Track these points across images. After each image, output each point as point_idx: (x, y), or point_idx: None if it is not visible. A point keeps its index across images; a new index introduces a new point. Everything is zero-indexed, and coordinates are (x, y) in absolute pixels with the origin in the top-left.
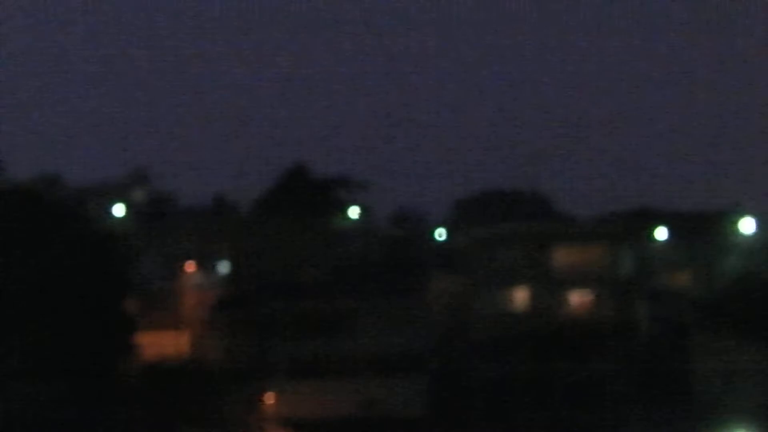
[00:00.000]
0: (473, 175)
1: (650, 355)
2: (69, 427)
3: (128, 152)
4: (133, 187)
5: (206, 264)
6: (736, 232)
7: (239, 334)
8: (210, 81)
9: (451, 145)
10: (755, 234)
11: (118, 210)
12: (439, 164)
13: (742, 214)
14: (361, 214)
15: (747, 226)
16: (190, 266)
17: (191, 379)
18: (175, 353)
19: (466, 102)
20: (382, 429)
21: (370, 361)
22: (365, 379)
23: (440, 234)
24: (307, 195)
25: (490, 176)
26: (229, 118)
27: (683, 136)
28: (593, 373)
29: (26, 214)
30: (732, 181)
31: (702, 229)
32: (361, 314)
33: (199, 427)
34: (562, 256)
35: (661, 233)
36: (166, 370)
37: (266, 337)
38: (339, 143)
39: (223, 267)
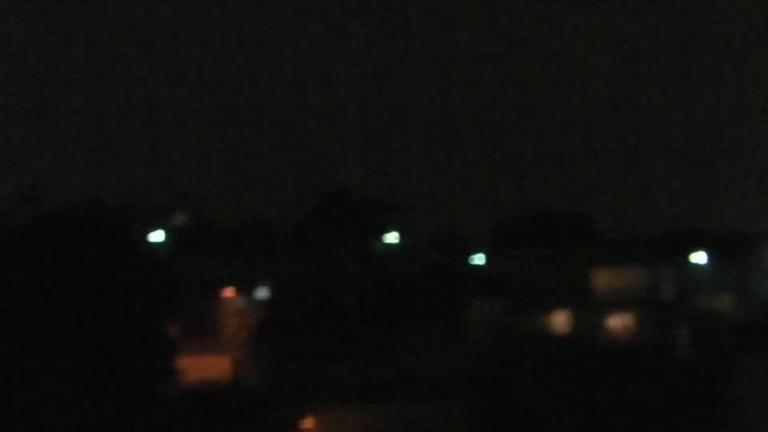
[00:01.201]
0: (514, 197)
1: (691, 377)
2: None
3: (168, 176)
4: (173, 210)
5: (246, 288)
6: None
7: (280, 358)
8: (249, 102)
9: (493, 166)
10: None
11: (158, 234)
12: (480, 186)
13: None
14: (401, 237)
15: None
16: (230, 290)
17: (232, 404)
18: (217, 377)
19: (504, 123)
20: None
21: (411, 384)
22: (405, 403)
23: (480, 257)
24: (347, 217)
25: (531, 198)
26: (269, 140)
27: (721, 157)
28: (635, 396)
29: (67, 237)
30: None
31: (742, 251)
32: (402, 338)
33: None
34: (603, 279)
35: (700, 255)
36: (207, 393)
37: (306, 361)
38: (378, 165)
39: (264, 291)
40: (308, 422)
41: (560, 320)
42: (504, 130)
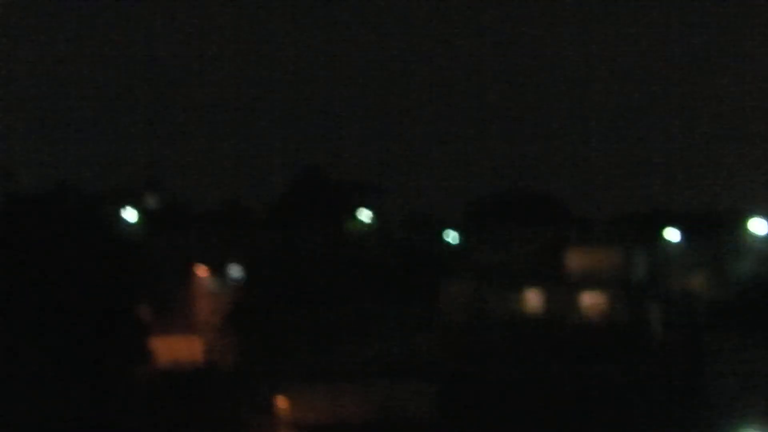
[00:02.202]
0: (486, 178)
1: (664, 357)
2: None
3: (141, 157)
4: (145, 192)
5: (219, 269)
6: (747, 233)
7: (252, 339)
8: (223, 84)
9: (464, 146)
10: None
11: (131, 215)
12: (452, 166)
13: (753, 215)
14: (375, 218)
15: (758, 226)
16: (203, 271)
17: (204, 384)
18: (189, 358)
19: (479, 103)
20: None
21: (383, 365)
22: (377, 383)
23: (453, 237)
24: (320, 199)
25: (504, 178)
26: (242, 121)
27: (695, 135)
28: (606, 376)
29: (38, 221)
30: (743, 181)
31: (714, 230)
32: (374, 318)
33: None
34: (576, 259)
35: (673, 234)
36: (179, 375)
37: (279, 342)
38: (352, 146)
39: (237, 272)
40: (281, 403)
41: (533, 300)
42: (478, 110)
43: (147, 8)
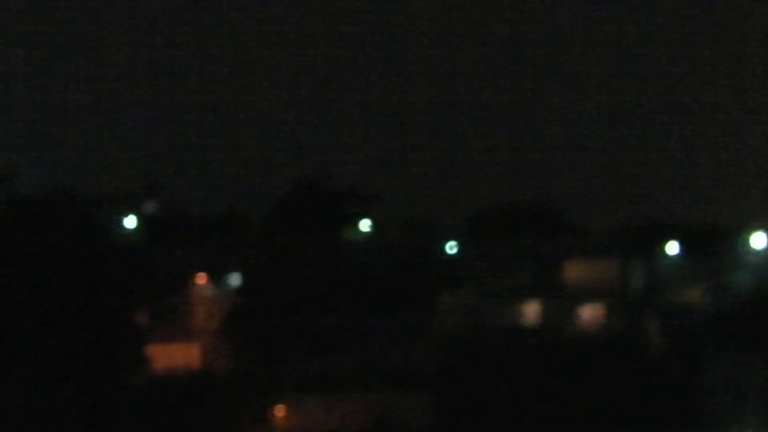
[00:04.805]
0: (486, 188)
1: (662, 370)
2: None
3: (140, 164)
4: (144, 198)
5: (218, 276)
6: (747, 247)
7: (250, 347)
8: (221, 92)
9: (463, 157)
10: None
11: (130, 221)
12: (452, 177)
13: (754, 229)
14: (373, 227)
15: (759, 240)
16: (201, 278)
17: (201, 392)
18: (186, 365)
19: (478, 114)
20: None
21: (381, 375)
22: (375, 393)
23: (451, 247)
24: (319, 207)
25: (502, 190)
26: (241, 129)
27: (695, 148)
28: (605, 388)
29: (37, 224)
30: (745, 194)
31: (714, 243)
32: (372, 328)
33: None
34: (574, 271)
35: (672, 247)
36: (177, 382)
37: (276, 351)
38: (352, 154)
39: (236, 278)
40: (278, 412)
41: (531, 312)
42: (476, 121)
43: (149, 12)
